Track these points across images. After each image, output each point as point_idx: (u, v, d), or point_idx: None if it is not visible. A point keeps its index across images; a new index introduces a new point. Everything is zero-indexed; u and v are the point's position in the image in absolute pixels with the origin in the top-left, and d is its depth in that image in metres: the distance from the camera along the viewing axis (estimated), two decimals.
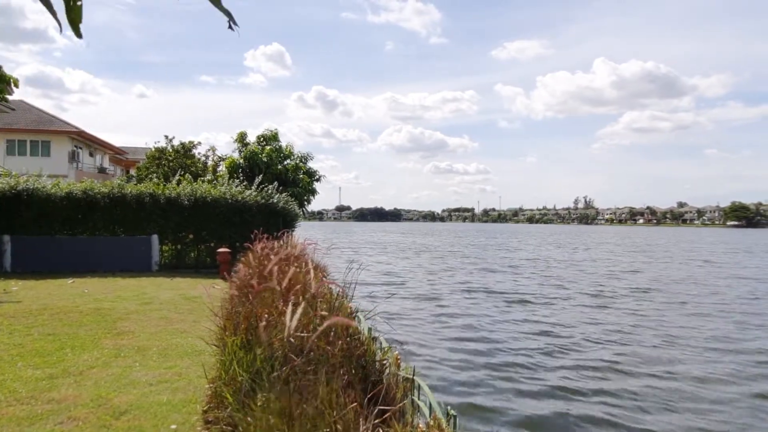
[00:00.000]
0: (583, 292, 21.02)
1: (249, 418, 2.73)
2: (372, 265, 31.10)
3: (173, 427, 4.45)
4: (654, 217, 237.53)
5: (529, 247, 52.50)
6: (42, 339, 7.32)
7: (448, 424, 2.74)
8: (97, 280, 13.77)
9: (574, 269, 30.93)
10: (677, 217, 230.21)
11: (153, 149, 32.00)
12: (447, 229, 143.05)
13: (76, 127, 35.93)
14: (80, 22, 1.29)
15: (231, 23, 1.33)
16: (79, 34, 1.31)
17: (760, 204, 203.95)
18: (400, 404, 3.24)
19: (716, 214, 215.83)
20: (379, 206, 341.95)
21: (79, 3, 1.27)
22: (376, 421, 2.73)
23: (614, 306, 17.84)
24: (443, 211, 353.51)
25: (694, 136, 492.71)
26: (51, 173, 22.41)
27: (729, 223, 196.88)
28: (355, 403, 2.68)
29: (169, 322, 8.60)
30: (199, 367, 5.77)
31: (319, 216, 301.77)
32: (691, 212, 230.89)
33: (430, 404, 2.99)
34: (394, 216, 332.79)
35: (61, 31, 1.36)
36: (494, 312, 16.44)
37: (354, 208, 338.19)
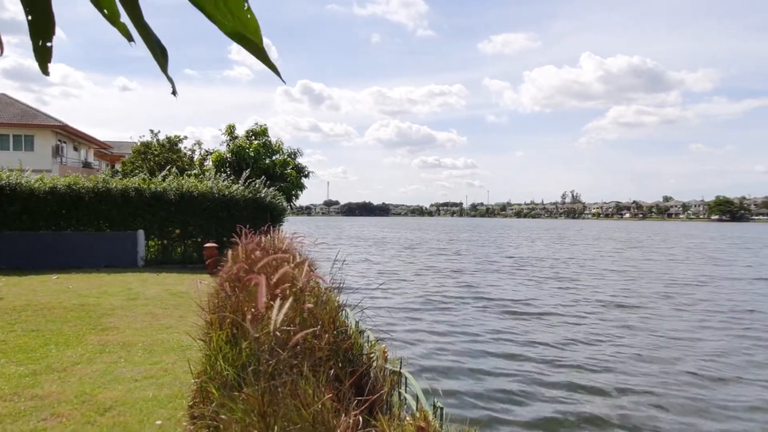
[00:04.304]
0: (617, 303, 16.97)
1: (224, 416, 2.71)
2: (360, 263, 31.02)
3: (158, 422, 4.42)
4: (640, 211, 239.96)
5: (532, 245, 49.07)
6: (25, 335, 7.23)
7: (435, 417, 2.75)
8: (82, 276, 13.62)
9: (589, 271, 26.43)
10: (663, 211, 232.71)
11: (138, 144, 31.62)
12: (436, 224, 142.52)
13: (60, 121, 35.34)
14: (49, 62, 1.23)
15: (174, 90, 1.33)
16: (45, 72, 1.24)
17: (744, 198, 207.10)
18: (381, 394, 3.25)
19: (701, 209, 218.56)
20: (367, 201, 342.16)
21: (48, 45, 1.20)
22: (364, 413, 2.72)
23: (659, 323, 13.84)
24: (431, 205, 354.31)
25: (680, 131, 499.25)
26: (34, 168, 22.06)
27: (713, 217, 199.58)
28: (330, 395, 2.66)
29: (154, 318, 8.53)
30: (185, 362, 5.73)
31: (308, 211, 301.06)
32: (676, 206, 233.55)
33: (417, 396, 2.99)
34: (383, 211, 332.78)
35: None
36: (511, 327, 13.17)
37: (342, 203, 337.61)
